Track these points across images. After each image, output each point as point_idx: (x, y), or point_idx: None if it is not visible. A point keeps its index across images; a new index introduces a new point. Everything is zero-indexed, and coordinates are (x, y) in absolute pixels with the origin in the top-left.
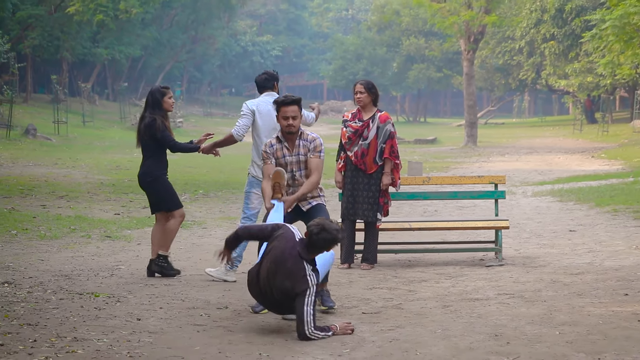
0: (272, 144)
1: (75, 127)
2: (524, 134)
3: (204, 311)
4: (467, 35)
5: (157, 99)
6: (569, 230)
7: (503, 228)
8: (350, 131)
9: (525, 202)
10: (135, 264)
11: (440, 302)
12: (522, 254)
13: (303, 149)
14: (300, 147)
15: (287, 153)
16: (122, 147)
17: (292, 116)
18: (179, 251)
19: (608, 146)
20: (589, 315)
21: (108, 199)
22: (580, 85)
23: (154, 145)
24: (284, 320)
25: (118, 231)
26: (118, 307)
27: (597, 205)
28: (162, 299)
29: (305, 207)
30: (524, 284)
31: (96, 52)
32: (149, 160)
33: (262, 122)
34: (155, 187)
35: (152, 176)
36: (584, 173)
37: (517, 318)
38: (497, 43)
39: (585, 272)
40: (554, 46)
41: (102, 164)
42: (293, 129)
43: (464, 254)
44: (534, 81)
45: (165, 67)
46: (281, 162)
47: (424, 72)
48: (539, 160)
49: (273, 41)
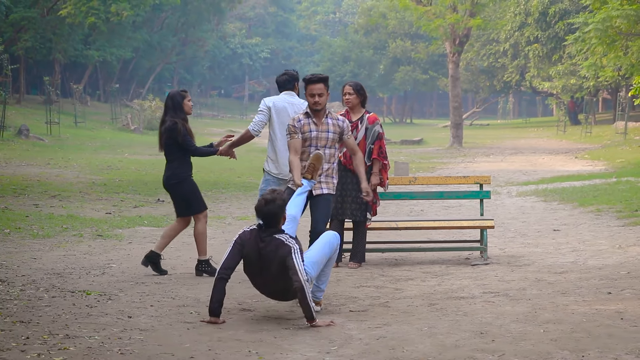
0: (300, 119)
1: (67, 127)
2: (508, 135)
3: (194, 309)
4: (453, 38)
5: (178, 102)
6: (553, 229)
7: (488, 227)
8: None
9: (510, 202)
10: (126, 263)
11: (427, 301)
12: (507, 253)
13: (333, 127)
14: (329, 125)
15: (313, 128)
16: (114, 148)
17: (318, 93)
18: (169, 249)
19: (591, 147)
20: (572, 313)
21: (99, 199)
22: (563, 87)
23: (176, 148)
24: (273, 318)
25: (109, 230)
26: (109, 305)
27: (581, 205)
28: (152, 297)
29: (316, 191)
30: (508, 283)
31: (88, 54)
32: (173, 163)
33: (277, 118)
34: (181, 190)
35: (178, 178)
36: (568, 173)
37: (502, 316)
38: (482, 45)
39: (569, 271)
40: (538, 49)
41: (94, 164)
42: (319, 106)
43: (450, 253)
44: (518, 83)
45: (155, 69)
46: (307, 136)
47: (410, 74)
48: (523, 160)
49: (262, 43)
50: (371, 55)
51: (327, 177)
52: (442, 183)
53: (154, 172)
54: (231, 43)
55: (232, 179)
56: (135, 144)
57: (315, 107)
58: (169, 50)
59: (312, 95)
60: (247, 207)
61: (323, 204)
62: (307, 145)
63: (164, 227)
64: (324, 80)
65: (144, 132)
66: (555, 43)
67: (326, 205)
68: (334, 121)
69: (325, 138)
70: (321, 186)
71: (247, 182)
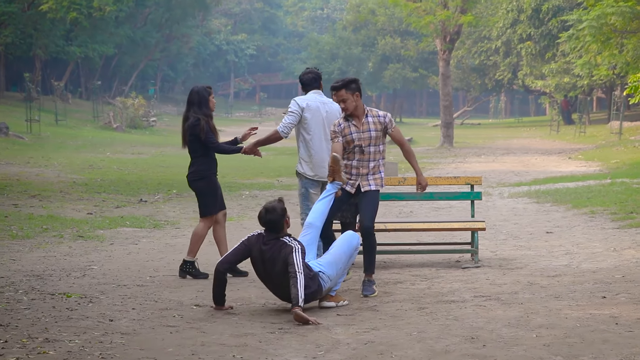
0: (340, 123)
1: (48, 125)
2: (500, 134)
3: (177, 312)
4: (443, 35)
5: (205, 98)
6: (545, 232)
7: (479, 229)
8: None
9: (501, 203)
10: (107, 264)
11: (416, 304)
12: (499, 256)
13: (374, 125)
14: (369, 123)
15: (354, 130)
16: (95, 146)
17: (340, 100)
18: (152, 251)
19: (585, 147)
20: (566, 318)
21: (81, 199)
22: (557, 85)
23: (199, 145)
24: (258, 322)
25: (90, 231)
26: (90, 308)
27: (574, 207)
28: (134, 299)
29: (364, 187)
30: (500, 286)
31: (69, 50)
32: (198, 160)
33: (312, 118)
34: (200, 188)
35: (201, 176)
36: (561, 174)
37: (493, 320)
38: (474, 43)
39: (562, 275)
40: (531, 46)
41: (75, 163)
42: (347, 111)
43: (440, 256)
44: (511, 81)
45: (139, 66)
46: (348, 138)
47: (399, 72)
48: (515, 161)
49: (248, 40)
50: (360, 53)
51: (374, 173)
52: (432, 184)
53: (137, 172)
54: (216, 39)
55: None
56: (118, 143)
57: (346, 112)
58: (153, 46)
59: (338, 102)
60: (232, 208)
61: (370, 200)
62: (352, 147)
63: (146, 228)
64: (344, 86)
65: (127, 130)
66: (548, 41)
67: (373, 202)
68: (374, 118)
69: (367, 138)
70: (369, 182)
71: (231, 182)
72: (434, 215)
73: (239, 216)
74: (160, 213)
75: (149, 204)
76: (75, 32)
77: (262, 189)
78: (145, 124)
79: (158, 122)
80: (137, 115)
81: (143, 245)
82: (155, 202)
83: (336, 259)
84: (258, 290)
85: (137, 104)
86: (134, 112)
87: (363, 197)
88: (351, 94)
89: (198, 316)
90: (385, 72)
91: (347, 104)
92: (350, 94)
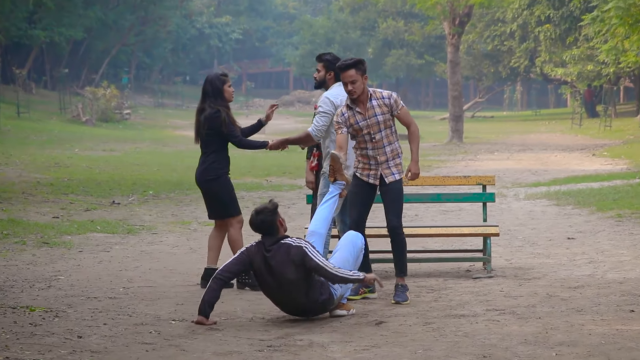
0: (343, 113)
1: (8, 118)
2: (515, 129)
3: (154, 328)
4: (452, 17)
5: (218, 88)
6: (567, 237)
7: (492, 235)
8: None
9: (517, 205)
10: (76, 274)
11: (422, 319)
12: (514, 265)
13: (379, 108)
14: (374, 107)
15: (360, 118)
16: (62, 142)
17: (349, 81)
18: (126, 260)
19: (611, 143)
20: (589, 334)
21: (45, 200)
22: (579, 74)
23: (216, 140)
24: (244, 339)
25: (57, 237)
26: (56, 323)
27: (599, 210)
28: (106, 313)
29: (389, 178)
30: (516, 299)
31: (33, 34)
32: (210, 156)
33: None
34: (216, 188)
35: (214, 174)
36: (584, 173)
37: (508, 337)
38: (486, 26)
39: (585, 286)
40: (550, 30)
41: (39, 161)
42: (354, 94)
43: (448, 265)
44: (527, 69)
45: (110, 52)
46: (356, 127)
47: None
48: (532, 158)
49: (233, 23)
50: (358, 37)
51: (394, 158)
52: (439, 184)
53: (109, 171)
54: (197, 22)
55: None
56: (87, 138)
57: (351, 96)
58: (126, 30)
59: (345, 84)
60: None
61: (395, 195)
62: (361, 135)
63: (119, 233)
64: (351, 65)
65: (97, 124)
66: (569, 23)
67: (399, 196)
68: (378, 101)
69: (375, 123)
70: (391, 171)
71: None
72: (442, 219)
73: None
74: (135, 217)
75: (122, 206)
76: (39, 13)
77: (250, 189)
78: (118, 117)
79: (132, 115)
80: (109, 107)
81: (116, 253)
82: (129, 205)
83: (342, 264)
84: (245, 303)
85: (108, 94)
86: (106, 104)
87: (387, 192)
88: (361, 75)
89: (177, 332)
90: (387, 59)
91: (356, 86)
92: (360, 75)
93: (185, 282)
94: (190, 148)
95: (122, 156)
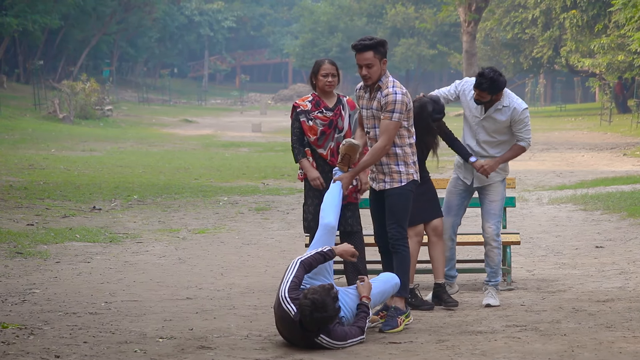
0: (361, 87)
1: None
2: (538, 125)
3: (139, 346)
4: (468, 3)
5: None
6: (595, 246)
7: (513, 243)
8: (322, 124)
9: (540, 211)
10: (52, 288)
11: (435, 336)
12: (537, 276)
13: (377, 103)
14: (375, 100)
15: (365, 105)
16: (37, 141)
17: (365, 64)
18: (108, 271)
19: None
20: (620, 352)
21: (19, 206)
22: (609, 65)
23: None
24: (239, 358)
25: (31, 246)
26: (31, 341)
27: (631, 216)
28: (86, 331)
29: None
30: (538, 314)
31: (4, 22)
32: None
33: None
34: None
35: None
36: (614, 175)
37: (530, 356)
38: (505, 12)
39: (615, 299)
40: (577, 16)
41: (11, 162)
42: (369, 80)
43: (464, 276)
44: (551, 60)
45: (90, 42)
46: (363, 114)
47: (413, 49)
48: (557, 158)
49: (225, 9)
50: (364, 25)
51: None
52: None
53: (89, 173)
54: (186, 9)
55: (187, 182)
56: (65, 137)
57: (365, 81)
58: (107, 17)
59: (360, 66)
60: (207, 218)
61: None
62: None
63: (100, 242)
64: (370, 47)
65: (76, 121)
66: (598, 9)
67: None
68: (379, 96)
69: (371, 117)
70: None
71: (205, 185)
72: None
73: (215, 227)
74: (118, 224)
75: (104, 212)
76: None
77: (244, 193)
78: (98, 114)
79: (115, 112)
80: (88, 103)
81: (96, 264)
82: (111, 211)
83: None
84: (239, 319)
85: (88, 88)
86: (85, 99)
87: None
88: (379, 60)
89: (164, 351)
90: (396, 49)
91: (372, 70)
92: (378, 60)
93: (174, 296)
94: (179, 148)
95: (104, 157)
